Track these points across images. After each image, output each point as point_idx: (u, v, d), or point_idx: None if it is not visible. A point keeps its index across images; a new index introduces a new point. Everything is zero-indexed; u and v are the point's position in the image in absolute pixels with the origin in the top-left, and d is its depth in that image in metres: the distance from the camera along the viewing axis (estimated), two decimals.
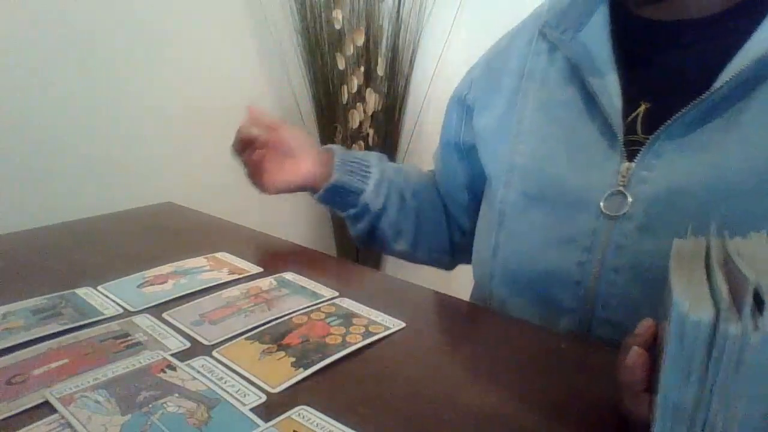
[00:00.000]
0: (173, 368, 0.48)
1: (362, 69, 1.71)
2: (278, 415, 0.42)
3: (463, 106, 0.77)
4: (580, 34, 0.63)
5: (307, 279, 0.67)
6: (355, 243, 0.84)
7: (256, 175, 0.78)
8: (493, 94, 0.71)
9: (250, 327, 0.56)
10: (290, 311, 0.59)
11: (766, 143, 0.50)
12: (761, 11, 0.53)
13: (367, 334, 0.54)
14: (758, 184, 0.50)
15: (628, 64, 0.59)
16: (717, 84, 0.51)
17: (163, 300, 0.62)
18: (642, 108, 0.57)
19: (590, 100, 0.60)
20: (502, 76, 0.70)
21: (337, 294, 0.63)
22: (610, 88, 0.58)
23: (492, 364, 0.52)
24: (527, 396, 0.45)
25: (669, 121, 0.54)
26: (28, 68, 1.28)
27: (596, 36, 0.62)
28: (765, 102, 0.51)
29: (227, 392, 0.45)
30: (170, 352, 0.51)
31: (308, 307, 0.60)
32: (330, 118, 1.74)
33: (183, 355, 0.51)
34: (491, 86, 0.72)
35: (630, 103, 0.58)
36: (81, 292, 0.64)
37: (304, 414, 0.42)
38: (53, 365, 0.49)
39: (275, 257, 0.75)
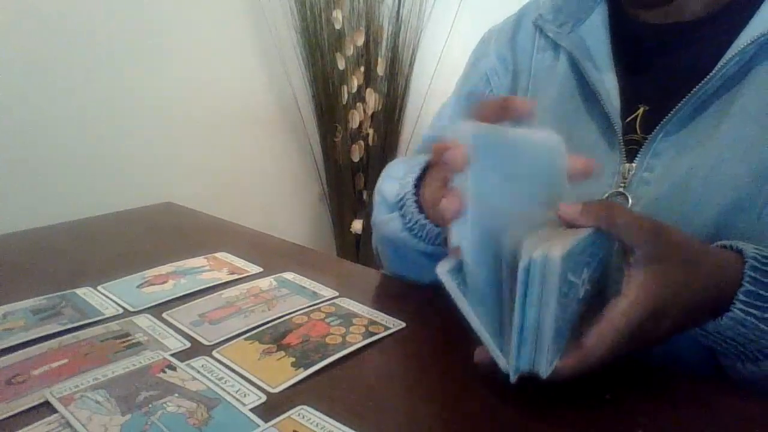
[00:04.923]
0: (173, 368, 0.48)
1: (362, 69, 1.71)
2: (278, 415, 0.42)
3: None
4: (579, 29, 0.63)
5: (307, 279, 0.67)
6: None
7: None
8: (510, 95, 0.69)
9: (250, 327, 0.55)
10: (290, 311, 0.59)
11: (754, 130, 0.51)
12: (750, 7, 0.53)
13: (367, 334, 0.54)
14: (749, 171, 0.51)
15: (626, 66, 0.60)
16: (706, 78, 0.52)
17: (163, 300, 0.62)
18: (641, 111, 0.58)
19: (591, 98, 0.60)
20: (519, 76, 0.69)
21: (337, 294, 0.63)
22: (608, 86, 0.59)
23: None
24: (527, 396, 0.45)
25: (665, 120, 0.54)
26: (28, 68, 1.28)
27: (595, 33, 0.62)
28: (752, 91, 0.52)
29: (227, 392, 0.45)
30: (170, 352, 0.51)
31: (308, 307, 0.60)
32: (330, 118, 1.74)
33: (183, 355, 0.50)
34: (510, 86, 0.70)
35: (629, 106, 0.58)
36: (81, 292, 0.64)
37: (304, 414, 0.42)
38: (53, 365, 0.49)
39: (275, 257, 0.75)
